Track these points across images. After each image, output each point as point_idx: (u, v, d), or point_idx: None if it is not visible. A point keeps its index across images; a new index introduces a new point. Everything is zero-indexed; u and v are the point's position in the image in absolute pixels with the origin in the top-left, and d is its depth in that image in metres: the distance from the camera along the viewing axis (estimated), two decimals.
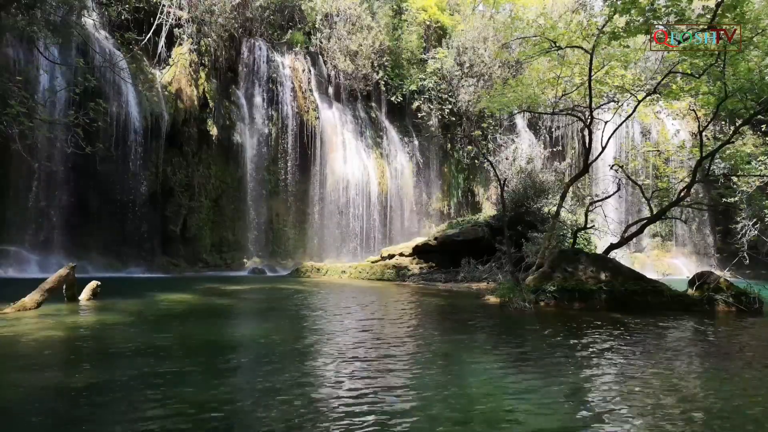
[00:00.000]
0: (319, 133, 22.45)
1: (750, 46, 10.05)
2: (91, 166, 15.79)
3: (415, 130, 26.27)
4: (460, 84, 25.36)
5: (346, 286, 14.49)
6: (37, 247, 15.78)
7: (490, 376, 4.66)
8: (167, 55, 19.46)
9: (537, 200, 17.35)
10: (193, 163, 19.58)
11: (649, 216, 13.26)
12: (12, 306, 7.49)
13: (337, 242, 22.51)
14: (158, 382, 4.21)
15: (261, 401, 3.86)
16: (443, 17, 27.21)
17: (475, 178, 27.10)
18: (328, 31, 23.67)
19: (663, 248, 26.84)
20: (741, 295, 9.66)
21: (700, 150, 11.97)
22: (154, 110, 18.05)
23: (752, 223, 19.63)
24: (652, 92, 12.13)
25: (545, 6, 18.60)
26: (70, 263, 8.70)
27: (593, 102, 12.14)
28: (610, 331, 7.23)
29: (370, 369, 4.84)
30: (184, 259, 19.16)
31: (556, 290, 9.81)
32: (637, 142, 27.22)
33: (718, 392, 4.33)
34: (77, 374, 4.45)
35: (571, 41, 11.87)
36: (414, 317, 8.69)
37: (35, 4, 12.77)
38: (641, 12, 9.80)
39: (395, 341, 6.32)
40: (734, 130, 12.36)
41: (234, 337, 6.62)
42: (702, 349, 6.29)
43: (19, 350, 5.35)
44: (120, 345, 5.70)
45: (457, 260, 16.51)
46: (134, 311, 8.13)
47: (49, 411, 3.65)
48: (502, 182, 12.64)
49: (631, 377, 4.76)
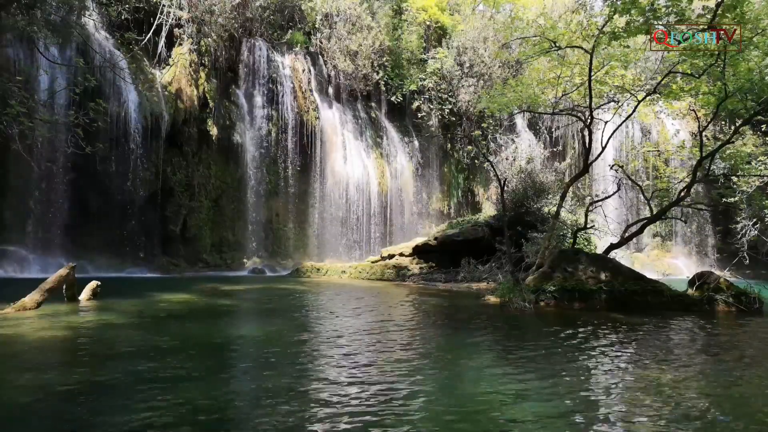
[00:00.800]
0: (319, 133, 22.45)
1: (750, 46, 10.04)
2: (91, 166, 15.80)
3: (415, 130, 26.26)
4: (460, 84, 25.35)
5: (346, 286, 14.49)
6: (37, 247, 15.78)
7: (490, 376, 4.66)
8: (167, 55, 19.47)
9: (537, 200, 17.35)
10: (193, 163, 19.59)
11: (649, 216, 13.25)
12: (12, 306, 7.49)
13: (337, 242, 22.51)
14: (158, 383, 4.21)
15: (260, 402, 3.86)
16: (443, 17, 27.20)
17: (475, 178, 27.10)
18: (328, 31, 23.67)
19: (663, 248, 26.84)
20: (741, 295, 9.65)
21: (700, 150, 11.96)
22: (154, 110, 18.05)
23: (752, 223, 19.61)
24: (652, 92, 12.13)
25: (545, 6, 18.58)
26: (70, 263, 8.70)
27: (593, 102, 12.14)
28: (610, 331, 7.24)
29: (370, 369, 4.84)
30: (184, 259, 19.16)
31: (556, 290, 9.81)
32: (637, 142, 27.22)
33: (717, 392, 4.33)
34: (77, 374, 4.44)
35: (571, 41, 11.87)
36: (414, 317, 8.69)
37: (35, 4, 12.78)
38: (641, 12, 9.80)
39: (395, 341, 6.32)
40: (734, 130, 12.35)
41: (234, 337, 6.62)
42: (702, 349, 6.29)
43: (19, 350, 5.35)
44: (120, 345, 5.71)
45: (457, 260, 16.50)
46: (134, 311, 8.13)
47: (49, 411, 3.65)
48: (502, 182, 12.63)
49: (631, 377, 4.76)
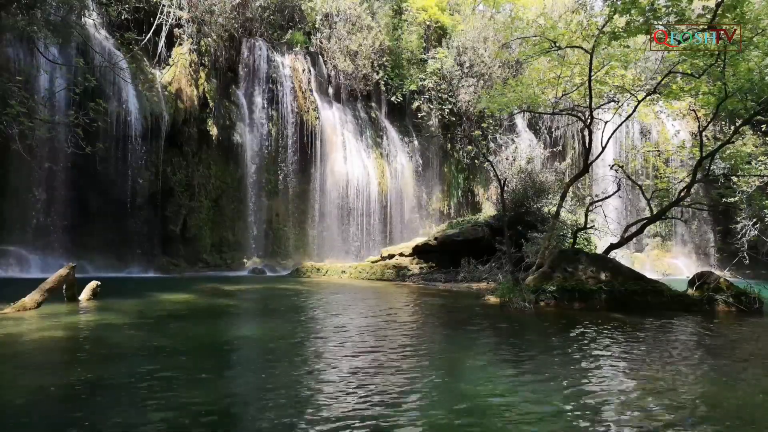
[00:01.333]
0: (319, 133, 22.45)
1: (750, 46, 10.04)
2: (91, 166, 15.79)
3: (415, 130, 26.26)
4: (460, 84, 25.36)
5: (346, 286, 14.49)
6: (37, 247, 15.77)
7: (490, 376, 4.66)
8: (167, 55, 19.46)
9: (537, 200, 17.35)
10: (193, 163, 19.59)
11: (649, 216, 13.26)
12: (12, 306, 7.49)
13: (337, 242, 22.50)
14: (158, 383, 4.21)
15: (260, 402, 3.86)
16: (443, 17, 27.21)
17: (475, 178, 27.10)
18: (328, 31, 23.67)
19: (663, 248, 26.84)
20: (741, 295, 9.66)
21: (700, 150, 11.97)
22: (154, 110, 18.04)
23: (752, 223, 19.62)
24: (652, 92, 12.13)
25: (545, 6, 18.59)
26: (70, 263, 8.70)
27: (593, 102, 12.14)
28: (610, 331, 7.24)
29: (370, 369, 4.84)
30: (184, 259, 19.16)
31: (556, 290, 9.81)
32: (637, 142, 27.22)
33: (717, 392, 4.33)
34: (77, 374, 4.44)
35: (571, 41, 11.87)
36: (414, 317, 8.69)
37: (35, 4, 12.77)
38: (641, 12, 9.81)
39: (395, 341, 6.32)
40: (734, 130, 12.36)
41: (234, 337, 6.62)
42: (702, 349, 6.28)
43: (19, 350, 5.35)
44: (120, 345, 5.71)
45: (457, 260, 16.50)
46: (134, 311, 8.14)
47: (49, 411, 3.65)
48: (502, 182, 12.63)
49: (631, 377, 4.76)
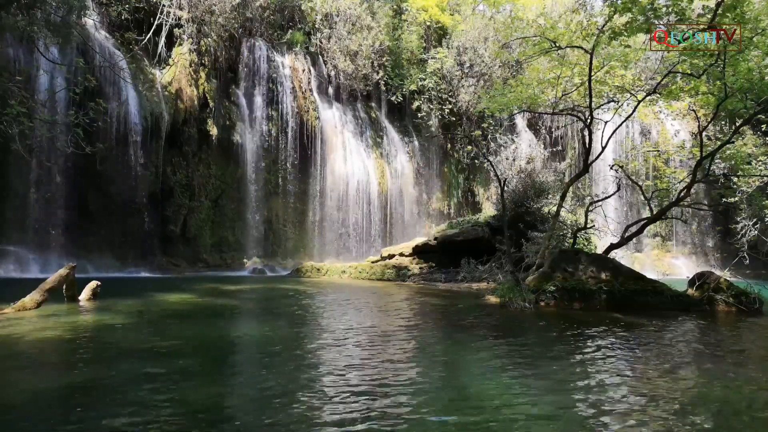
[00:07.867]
0: (319, 133, 22.46)
1: (750, 46, 10.04)
2: (91, 166, 15.79)
3: (415, 130, 26.27)
4: (460, 84, 25.36)
5: (347, 286, 14.49)
6: (37, 247, 15.77)
7: (491, 376, 4.65)
8: (167, 55, 19.47)
9: (537, 200, 17.33)
10: (193, 163, 19.60)
11: (649, 216, 13.25)
12: (12, 306, 7.49)
13: (337, 242, 22.51)
14: (158, 383, 4.21)
15: (261, 402, 3.86)
16: (443, 17, 27.21)
17: (475, 178, 27.11)
18: (328, 31, 23.67)
19: (663, 248, 26.84)
20: (741, 295, 9.65)
21: (700, 150, 11.96)
22: (154, 110, 18.05)
23: (752, 223, 19.62)
24: (652, 92, 12.13)
25: (545, 6, 18.59)
26: (70, 263, 8.70)
27: (593, 102, 12.13)
28: (610, 331, 7.23)
29: (371, 369, 4.84)
30: (184, 259, 19.17)
31: (557, 290, 9.81)
32: (637, 142, 27.23)
33: (717, 392, 4.33)
34: (76, 374, 4.45)
35: (571, 41, 11.86)
36: (414, 317, 8.69)
37: (35, 4, 12.76)
38: (642, 11, 9.80)
39: (396, 341, 6.32)
40: (734, 130, 12.36)
41: (234, 337, 6.62)
42: (702, 349, 6.28)
43: (19, 350, 5.35)
44: (119, 345, 5.71)
45: (457, 260, 16.49)
46: (134, 311, 8.13)
47: (48, 411, 3.65)
48: (502, 182, 12.63)
49: (630, 377, 4.76)
